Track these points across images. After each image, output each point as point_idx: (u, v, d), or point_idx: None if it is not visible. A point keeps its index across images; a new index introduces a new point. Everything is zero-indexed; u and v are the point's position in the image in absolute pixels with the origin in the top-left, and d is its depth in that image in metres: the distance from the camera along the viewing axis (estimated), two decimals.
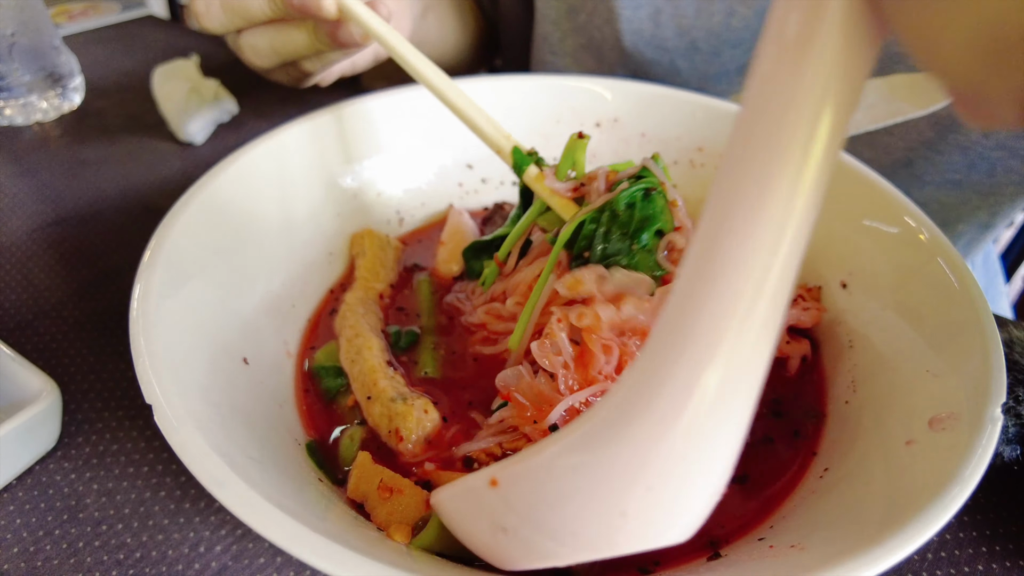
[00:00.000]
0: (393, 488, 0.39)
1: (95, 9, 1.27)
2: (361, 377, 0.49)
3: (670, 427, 0.26)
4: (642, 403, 0.26)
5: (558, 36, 0.86)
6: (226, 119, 0.91)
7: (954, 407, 0.37)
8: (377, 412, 0.47)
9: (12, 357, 0.49)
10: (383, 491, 0.39)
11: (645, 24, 0.78)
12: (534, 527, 0.30)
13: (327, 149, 0.62)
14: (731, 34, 0.75)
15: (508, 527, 0.30)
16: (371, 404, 0.47)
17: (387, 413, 0.46)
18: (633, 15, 0.78)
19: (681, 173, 0.67)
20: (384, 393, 0.47)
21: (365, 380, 0.48)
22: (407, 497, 0.40)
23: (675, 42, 0.78)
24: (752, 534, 0.40)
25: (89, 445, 0.49)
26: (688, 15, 0.76)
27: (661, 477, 0.26)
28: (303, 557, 0.29)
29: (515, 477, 0.31)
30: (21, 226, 0.71)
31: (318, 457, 0.45)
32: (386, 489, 0.39)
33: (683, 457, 0.26)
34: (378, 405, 0.47)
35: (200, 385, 0.40)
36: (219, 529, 0.44)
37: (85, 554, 0.42)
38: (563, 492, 0.29)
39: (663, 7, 0.77)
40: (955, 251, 0.45)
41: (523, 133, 0.70)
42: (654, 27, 0.78)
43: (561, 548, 0.29)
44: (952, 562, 0.43)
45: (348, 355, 0.51)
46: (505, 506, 0.31)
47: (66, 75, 0.93)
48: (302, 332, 0.55)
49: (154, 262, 0.44)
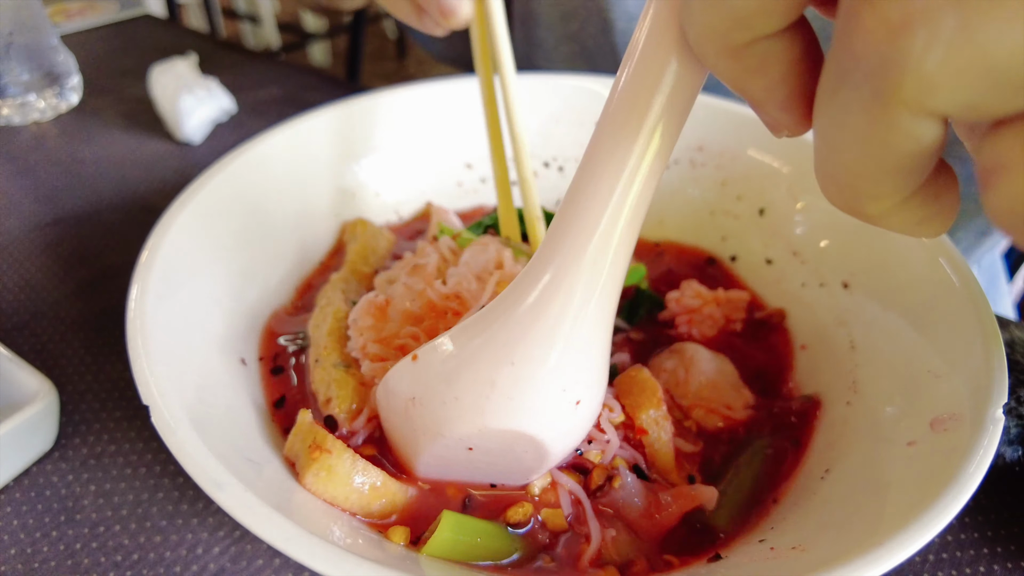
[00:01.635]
0: (322, 447, 0.38)
1: (92, 8, 1.27)
2: (318, 340, 0.48)
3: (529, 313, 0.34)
4: (513, 295, 0.35)
5: (551, 43, 0.86)
6: (224, 118, 0.91)
7: (956, 408, 0.37)
8: (318, 377, 0.45)
9: (9, 358, 0.49)
10: (312, 449, 0.38)
11: None
12: (432, 394, 0.37)
13: (325, 148, 0.62)
14: None
15: (416, 396, 0.38)
16: (315, 368, 0.46)
17: (326, 379, 0.44)
18: (627, 27, 0.78)
19: (681, 172, 0.67)
20: (328, 357, 0.45)
21: (318, 344, 0.47)
22: (334, 459, 0.38)
23: None
24: (752, 535, 0.40)
25: (87, 446, 0.49)
26: None
27: (522, 356, 0.34)
28: (301, 559, 0.29)
29: (426, 352, 0.38)
30: (18, 226, 0.71)
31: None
32: (315, 448, 0.38)
33: (540, 342, 0.34)
34: (320, 370, 0.45)
35: (197, 386, 0.40)
36: (217, 531, 0.43)
37: (82, 556, 0.42)
38: (453, 365, 0.36)
39: None
40: (957, 251, 0.45)
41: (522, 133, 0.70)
42: None
43: (448, 413, 0.36)
44: (953, 563, 0.43)
45: (315, 320, 0.50)
46: (417, 376, 0.38)
47: (63, 74, 0.92)
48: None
49: (151, 262, 0.44)
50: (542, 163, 0.71)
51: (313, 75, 1.07)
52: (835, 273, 0.54)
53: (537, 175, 0.71)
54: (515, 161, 0.56)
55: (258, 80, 1.03)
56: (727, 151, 0.64)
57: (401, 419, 0.39)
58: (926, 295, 0.45)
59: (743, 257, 0.63)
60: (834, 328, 0.52)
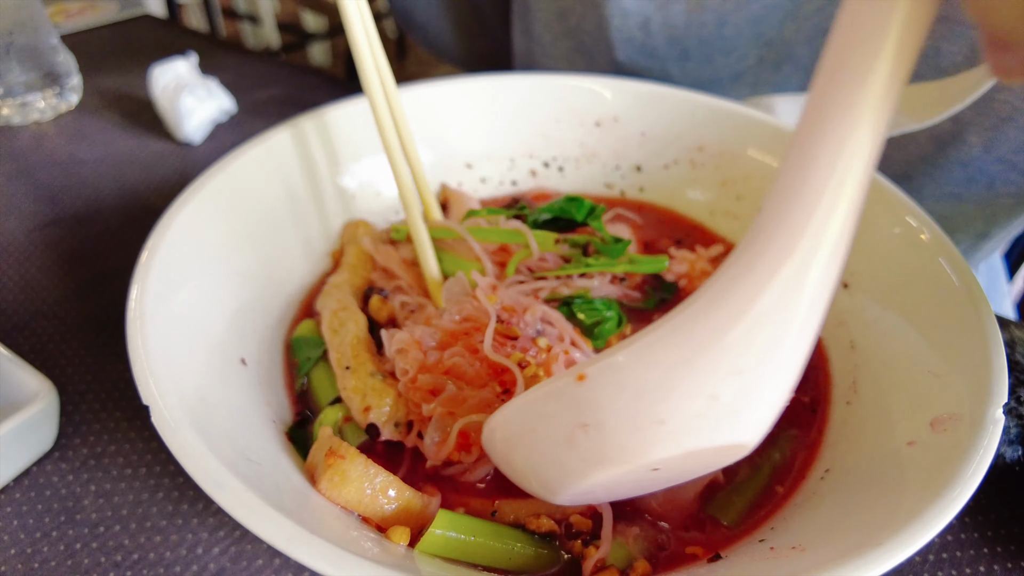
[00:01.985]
0: (336, 453, 0.38)
1: (92, 8, 1.27)
2: (342, 347, 0.48)
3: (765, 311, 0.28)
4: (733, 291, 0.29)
5: (549, 39, 0.86)
6: (224, 119, 0.91)
7: (956, 408, 0.37)
8: (352, 385, 0.45)
9: (9, 358, 0.49)
10: (329, 456, 0.38)
11: (635, 32, 0.78)
12: (619, 419, 0.30)
13: (325, 149, 0.62)
14: (723, 42, 0.75)
15: (590, 422, 0.31)
16: (348, 375, 0.46)
17: (363, 387, 0.45)
18: (623, 23, 0.78)
19: (681, 172, 0.67)
20: (364, 366, 0.46)
21: (346, 351, 0.47)
22: (348, 463, 0.38)
23: (666, 50, 0.78)
24: (753, 535, 0.40)
25: (87, 446, 0.49)
26: (678, 24, 0.76)
27: (754, 362, 0.29)
28: (301, 559, 0.29)
29: (604, 369, 0.31)
30: (18, 226, 0.71)
31: (301, 445, 0.44)
32: (331, 454, 0.38)
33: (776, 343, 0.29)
34: (355, 378, 0.45)
35: (197, 386, 0.40)
36: (217, 531, 0.43)
37: (83, 556, 0.42)
38: (651, 383, 0.30)
39: (653, 16, 0.77)
40: (957, 252, 0.45)
41: (523, 132, 0.70)
42: (644, 36, 0.78)
43: (646, 438, 0.30)
44: (953, 563, 0.43)
45: (331, 325, 0.50)
46: (591, 399, 0.31)
47: (63, 74, 0.92)
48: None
49: (151, 262, 0.44)
50: (542, 163, 0.71)
51: (313, 75, 1.07)
52: None
53: (537, 174, 0.71)
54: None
55: (258, 80, 1.03)
56: (727, 151, 0.64)
57: (553, 448, 0.33)
58: (926, 295, 0.45)
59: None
60: (834, 328, 0.52)
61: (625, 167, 0.69)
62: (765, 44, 0.74)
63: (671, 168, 0.67)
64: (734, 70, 0.77)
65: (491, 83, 0.69)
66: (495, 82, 0.69)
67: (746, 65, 0.76)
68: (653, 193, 0.69)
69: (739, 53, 0.75)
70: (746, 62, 0.75)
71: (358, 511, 0.38)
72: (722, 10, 0.73)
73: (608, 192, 0.70)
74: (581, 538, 0.40)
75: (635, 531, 0.40)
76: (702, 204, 0.66)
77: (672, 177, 0.67)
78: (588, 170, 0.71)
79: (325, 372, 0.49)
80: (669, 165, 0.68)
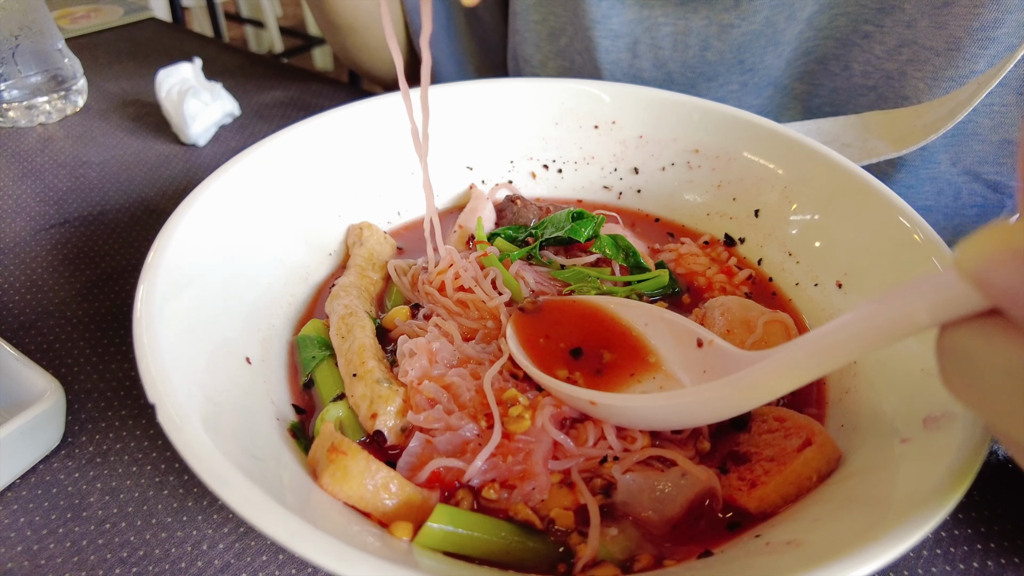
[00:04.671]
0: (338, 449, 0.39)
1: (98, 12, 1.28)
2: (349, 354, 0.48)
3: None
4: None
5: (539, 58, 0.88)
6: (228, 121, 0.92)
7: (948, 406, 0.38)
8: (359, 392, 0.46)
9: (16, 357, 0.49)
10: (331, 452, 0.39)
11: (623, 55, 0.80)
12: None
13: (328, 151, 0.63)
14: (706, 67, 0.77)
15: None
16: (355, 382, 0.47)
17: (369, 394, 0.45)
18: (611, 45, 0.80)
19: (677, 175, 0.68)
20: (371, 373, 0.46)
21: (353, 358, 0.48)
22: (350, 459, 0.39)
23: (652, 73, 0.80)
24: (749, 531, 0.40)
25: (93, 444, 0.49)
26: (665, 47, 0.77)
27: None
28: (305, 554, 0.30)
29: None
30: (25, 227, 0.72)
31: (303, 441, 0.45)
32: (333, 450, 0.39)
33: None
34: (362, 385, 0.46)
35: (202, 384, 0.40)
36: (222, 527, 0.44)
37: (88, 552, 0.43)
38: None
39: (641, 38, 0.78)
40: (949, 252, 0.46)
41: (523, 135, 0.71)
42: (632, 57, 0.80)
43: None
44: (947, 559, 0.43)
45: (339, 331, 0.51)
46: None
47: (69, 78, 0.93)
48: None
49: (157, 263, 0.44)
50: (542, 165, 0.72)
51: (316, 79, 1.08)
52: (829, 273, 0.55)
53: (536, 177, 0.72)
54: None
55: (262, 84, 1.03)
56: (723, 154, 0.65)
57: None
58: None
59: (738, 257, 0.63)
60: None
61: (623, 169, 0.70)
62: (748, 70, 0.76)
63: (668, 170, 0.68)
64: (716, 97, 0.78)
65: (492, 87, 0.69)
66: (496, 87, 0.70)
67: (729, 91, 0.78)
68: (650, 195, 0.70)
69: (720, 80, 0.78)
70: (729, 87, 0.78)
71: (359, 506, 0.39)
72: (706, 34, 0.75)
73: (606, 194, 0.71)
74: (576, 531, 0.40)
75: (613, 531, 0.40)
76: (698, 205, 0.67)
77: (669, 179, 0.68)
78: (587, 172, 0.71)
79: (328, 369, 0.50)
80: (666, 167, 0.68)
